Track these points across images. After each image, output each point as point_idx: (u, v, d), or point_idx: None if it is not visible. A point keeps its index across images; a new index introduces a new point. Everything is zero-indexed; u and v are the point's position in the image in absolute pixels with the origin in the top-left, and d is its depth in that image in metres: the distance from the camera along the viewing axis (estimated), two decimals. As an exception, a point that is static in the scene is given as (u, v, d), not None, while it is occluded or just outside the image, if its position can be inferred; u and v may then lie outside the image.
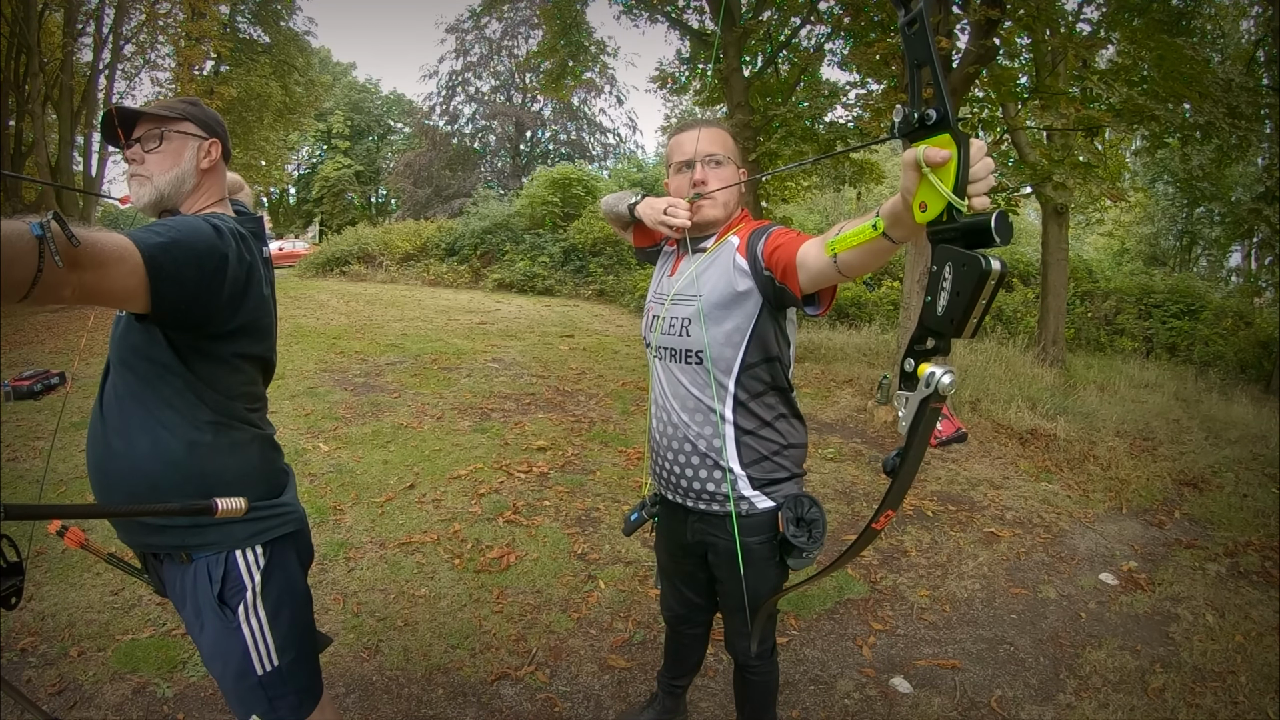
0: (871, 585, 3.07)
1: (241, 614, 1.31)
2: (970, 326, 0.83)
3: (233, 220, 1.28)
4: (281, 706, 1.36)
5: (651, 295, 1.69)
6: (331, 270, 17.79)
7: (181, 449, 1.25)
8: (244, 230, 1.28)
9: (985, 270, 0.78)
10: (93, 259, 0.94)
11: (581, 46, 9.54)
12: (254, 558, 1.33)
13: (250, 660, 1.32)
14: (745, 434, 1.52)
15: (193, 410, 1.26)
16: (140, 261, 1.03)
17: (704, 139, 1.55)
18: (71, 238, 0.88)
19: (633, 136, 46.01)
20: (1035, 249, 12.99)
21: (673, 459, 1.59)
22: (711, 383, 1.51)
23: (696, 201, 1.53)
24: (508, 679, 2.35)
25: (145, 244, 1.04)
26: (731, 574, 1.61)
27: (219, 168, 1.39)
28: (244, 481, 1.32)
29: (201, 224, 1.18)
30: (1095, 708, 2.30)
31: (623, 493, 3.97)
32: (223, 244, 1.17)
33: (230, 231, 1.21)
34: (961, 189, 0.81)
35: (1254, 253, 18.87)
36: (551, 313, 11.48)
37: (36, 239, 0.83)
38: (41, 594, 2.70)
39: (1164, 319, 11.58)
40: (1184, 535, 3.82)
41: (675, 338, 1.54)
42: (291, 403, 5.48)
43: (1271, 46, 9.56)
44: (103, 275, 0.97)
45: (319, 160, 34.86)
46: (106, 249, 0.97)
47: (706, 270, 1.53)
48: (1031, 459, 4.94)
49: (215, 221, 1.20)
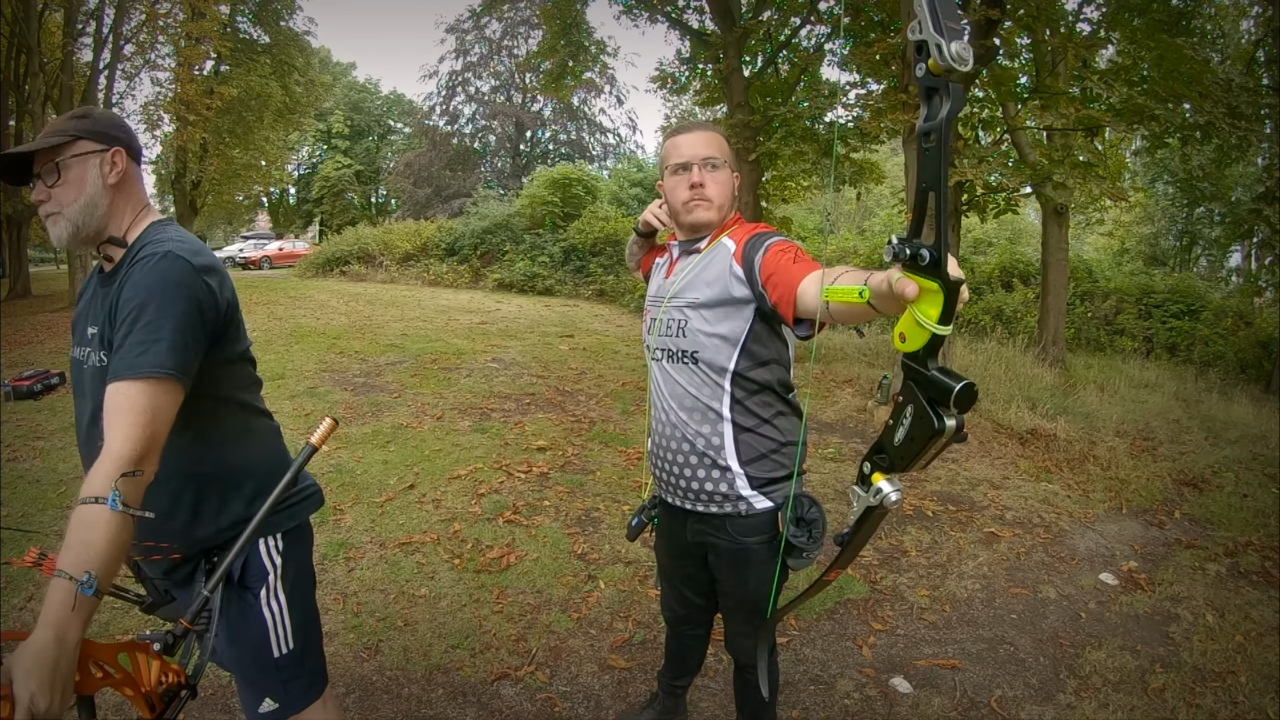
0: (871, 585, 3.07)
1: (263, 597, 1.33)
2: (915, 466, 0.93)
3: (174, 235, 1.24)
4: (295, 689, 1.39)
5: (649, 299, 1.71)
6: (331, 270, 17.80)
7: (212, 452, 1.29)
8: (198, 245, 1.25)
9: (938, 430, 0.86)
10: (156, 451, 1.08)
11: (581, 46, 9.54)
12: (274, 543, 1.36)
13: (269, 642, 1.34)
14: (744, 431, 1.52)
15: (213, 411, 1.28)
16: (177, 387, 1.11)
17: (701, 142, 1.56)
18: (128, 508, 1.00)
19: (633, 136, 46.08)
20: (1035, 249, 12.99)
21: (671, 460, 1.59)
22: (709, 381, 1.51)
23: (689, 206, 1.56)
24: (508, 679, 2.35)
25: (162, 368, 1.09)
26: (731, 575, 1.61)
27: (130, 176, 1.28)
28: (274, 470, 1.36)
29: (170, 286, 1.14)
30: (1095, 708, 2.30)
31: (623, 493, 3.97)
32: (198, 282, 1.17)
33: (188, 255, 1.18)
34: (946, 322, 0.82)
35: (1254, 253, 18.86)
36: (551, 313, 11.48)
37: (119, 513, 0.98)
38: (41, 594, 2.70)
39: (1164, 319, 11.56)
40: (1184, 535, 3.82)
41: (673, 338, 1.55)
42: (291, 403, 5.48)
43: (1271, 46, 9.56)
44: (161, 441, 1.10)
45: (319, 160, 34.82)
46: (159, 437, 1.08)
47: (702, 271, 1.53)
48: (1031, 459, 4.94)
49: (182, 254, 1.17)
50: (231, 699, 2.19)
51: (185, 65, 13.40)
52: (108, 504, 0.96)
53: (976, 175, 5.13)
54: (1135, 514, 4.10)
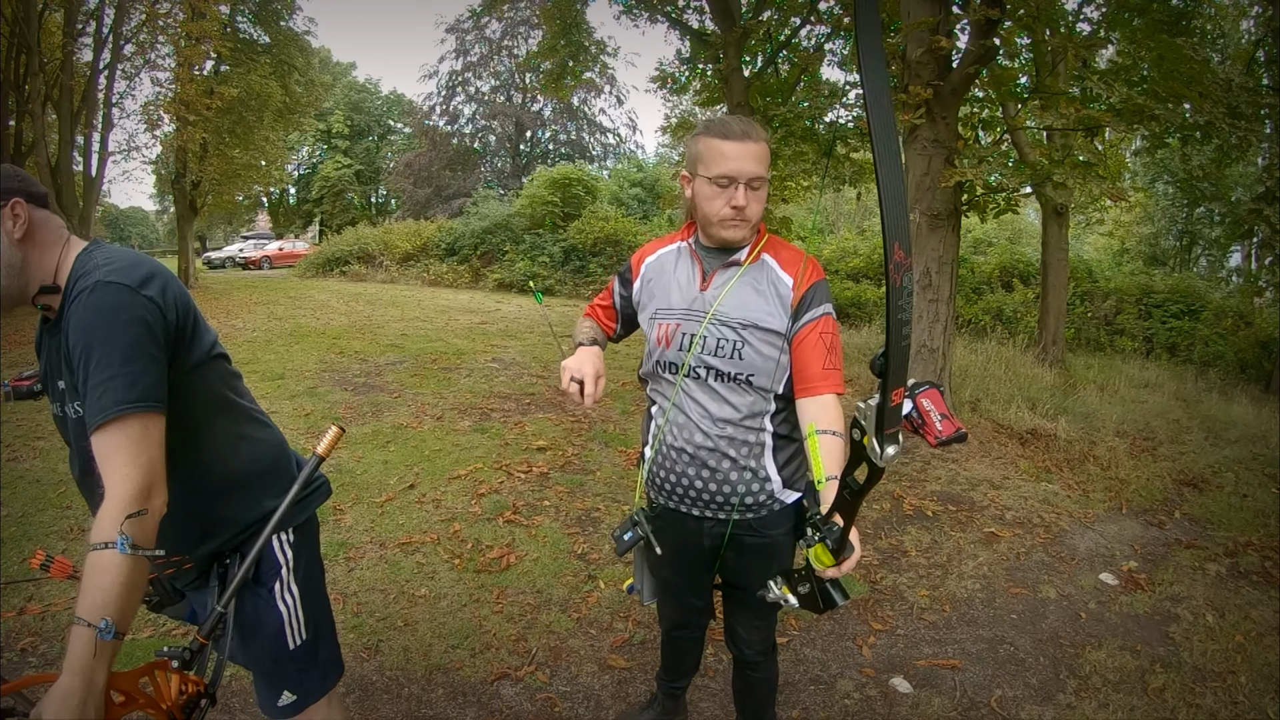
0: (871, 585, 3.07)
1: (277, 591, 1.35)
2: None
3: (101, 260, 1.15)
4: (310, 679, 1.40)
5: (683, 311, 1.52)
6: (331, 270, 17.81)
7: (212, 470, 1.28)
8: (123, 265, 1.15)
9: (818, 610, 1.31)
10: (159, 480, 1.09)
11: (581, 46, 9.53)
12: (287, 536, 1.37)
13: (285, 635, 1.36)
14: (781, 439, 1.53)
15: (208, 427, 1.27)
16: (156, 416, 1.10)
17: (751, 156, 1.38)
18: (138, 549, 1.01)
19: (633, 136, 46.13)
20: (1035, 249, 12.99)
21: (695, 473, 1.53)
22: (759, 400, 1.49)
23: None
24: (508, 679, 2.35)
25: (128, 405, 1.05)
26: (753, 568, 1.57)
27: (37, 221, 1.16)
28: (278, 462, 1.37)
29: (107, 317, 1.08)
30: (1095, 708, 2.30)
31: (623, 493, 3.97)
32: (136, 301, 1.10)
33: (118, 278, 1.10)
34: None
35: (1254, 253, 18.85)
36: (551, 313, 11.48)
37: (128, 556, 0.99)
38: (41, 594, 2.70)
39: (1164, 319, 11.57)
40: (1184, 535, 3.82)
41: (725, 359, 1.46)
42: (291, 403, 5.48)
43: (1271, 46, 9.56)
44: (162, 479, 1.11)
45: (319, 160, 34.81)
46: (157, 472, 1.08)
47: (746, 291, 1.48)
48: (1031, 459, 4.94)
49: (106, 299, 1.09)
50: (231, 699, 2.19)
51: (185, 65, 13.38)
52: (117, 548, 0.97)
53: (976, 175, 5.11)
54: (1135, 514, 4.10)
